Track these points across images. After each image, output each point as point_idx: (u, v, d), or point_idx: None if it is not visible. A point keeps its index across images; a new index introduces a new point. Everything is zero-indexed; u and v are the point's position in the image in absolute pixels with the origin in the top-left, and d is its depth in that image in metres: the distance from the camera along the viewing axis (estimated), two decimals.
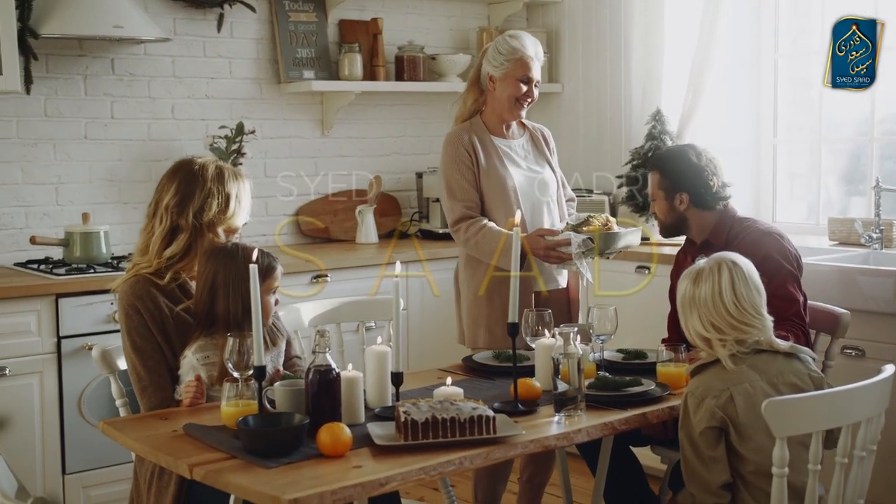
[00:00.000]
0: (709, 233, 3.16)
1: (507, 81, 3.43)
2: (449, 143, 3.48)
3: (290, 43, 4.77)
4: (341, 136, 5.01)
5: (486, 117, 3.51)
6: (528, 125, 3.63)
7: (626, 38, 5.07)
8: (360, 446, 2.25)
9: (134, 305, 2.62)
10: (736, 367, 2.40)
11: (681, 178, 3.15)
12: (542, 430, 2.38)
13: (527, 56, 3.42)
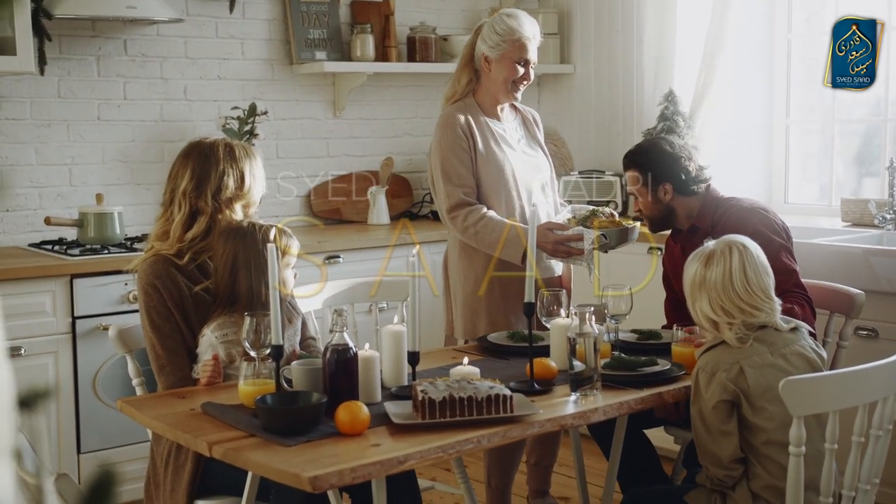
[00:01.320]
0: (694, 218, 3.15)
1: (504, 63, 3.31)
2: (445, 124, 3.33)
3: (301, 24, 4.77)
4: (353, 118, 5.01)
5: (479, 98, 3.39)
6: (518, 107, 3.52)
7: (639, 18, 5.05)
8: (378, 425, 2.26)
9: (153, 284, 2.64)
10: (742, 346, 2.42)
11: (661, 168, 3.14)
12: (559, 409, 2.39)
13: (524, 37, 3.30)
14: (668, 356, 2.76)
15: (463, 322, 3.40)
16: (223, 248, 2.65)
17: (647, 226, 3.30)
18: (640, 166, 3.17)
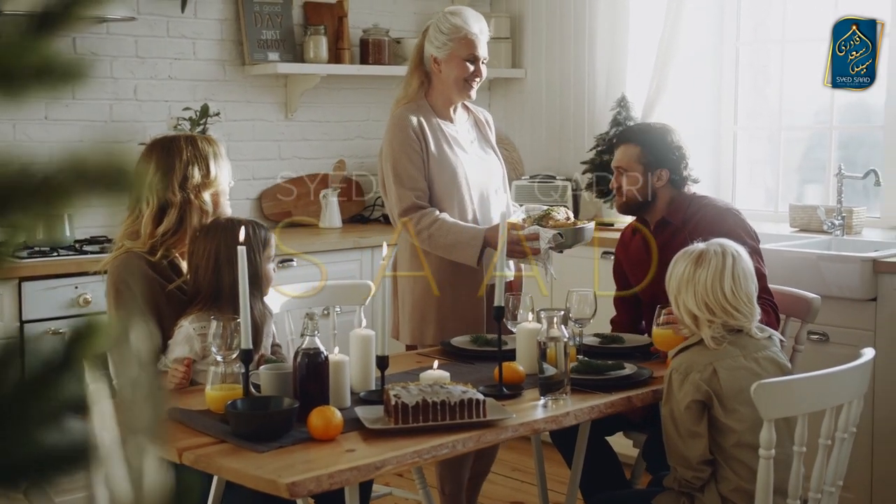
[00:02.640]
0: (665, 211, 3.14)
1: (453, 62, 3.26)
2: (396, 125, 3.27)
3: (254, 24, 4.72)
4: (305, 120, 4.97)
5: (432, 99, 3.33)
6: (471, 108, 3.47)
7: (591, 23, 5.09)
8: (350, 430, 2.24)
9: (126, 281, 2.60)
10: (717, 347, 2.46)
11: (666, 154, 3.11)
12: (530, 413, 2.39)
13: (471, 33, 3.25)
14: (632, 360, 2.78)
15: (410, 326, 3.35)
16: (203, 245, 2.62)
17: (619, 207, 3.23)
18: (643, 144, 3.12)
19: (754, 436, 2.31)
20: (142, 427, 0.53)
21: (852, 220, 4.20)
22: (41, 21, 0.51)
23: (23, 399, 0.50)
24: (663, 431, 2.50)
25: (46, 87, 0.50)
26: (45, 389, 0.50)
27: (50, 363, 0.50)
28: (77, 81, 0.52)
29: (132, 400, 0.52)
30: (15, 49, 0.48)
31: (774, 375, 2.44)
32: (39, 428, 0.52)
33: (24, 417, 0.51)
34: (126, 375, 0.54)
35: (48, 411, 0.51)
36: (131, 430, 0.53)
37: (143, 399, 0.52)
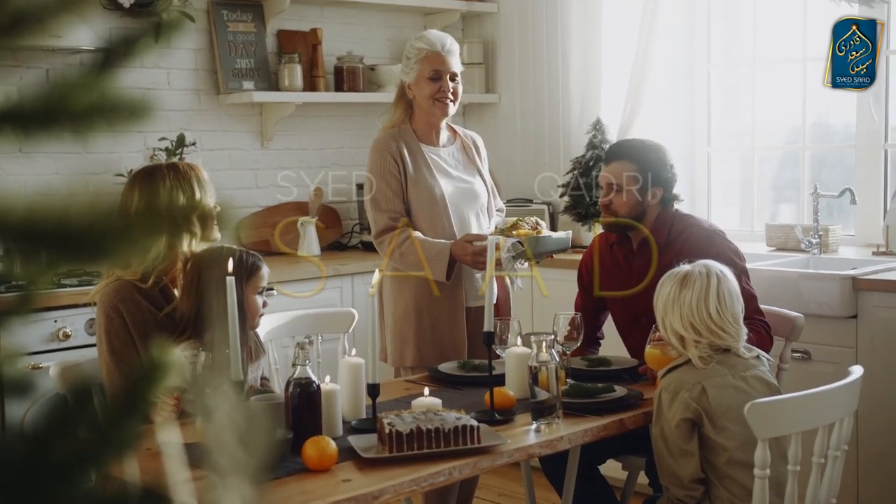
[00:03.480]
0: (650, 229, 3.11)
1: (420, 83, 3.31)
2: (375, 150, 3.35)
3: (228, 53, 4.71)
4: (281, 148, 4.96)
5: (415, 124, 3.39)
6: (459, 132, 3.51)
7: (564, 48, 5.13)
8: (344, 460, 2.23)
9: (117, 308, 2.58)
10: (704, 366, 2.47)
11: (661, 172, 3.10)
12: (523, 438, 2.39)
13: (432, 52, 3.29)
14: (620, 382, 2.78)
15: (392, 348, 3.38)
16: (191, 274, 2.60)
17: (606, 224, 3.18)
18: (640, 161, 3.09)
19: (746, 453, 2.32)
20: (243, 470, 0.52)
21: (828, 239, 4.24)
22: (104, 59, 0.51)
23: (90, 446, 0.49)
24: (654, 451, 2.51)
25: (112, 125, 0.50)
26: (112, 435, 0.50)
27: (116, 407, 0.50)
28: (142, 118, 0.51)
29: (228, 442, 0.51)
30: (81, 88, 0.48)
31: (763, 394, 2.46)
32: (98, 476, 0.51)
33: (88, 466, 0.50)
34: (215, 415, 0.54)
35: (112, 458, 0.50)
36: (230, 473, 0.52)
37: (241, 439, 0.51)
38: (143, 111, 0.50)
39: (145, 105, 0.50)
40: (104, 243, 0.48)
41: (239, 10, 4.76)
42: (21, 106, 0.49)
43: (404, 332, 3.34)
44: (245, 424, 0.52)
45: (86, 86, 0.49)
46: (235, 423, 0.51)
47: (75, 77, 0.50)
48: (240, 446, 0.51)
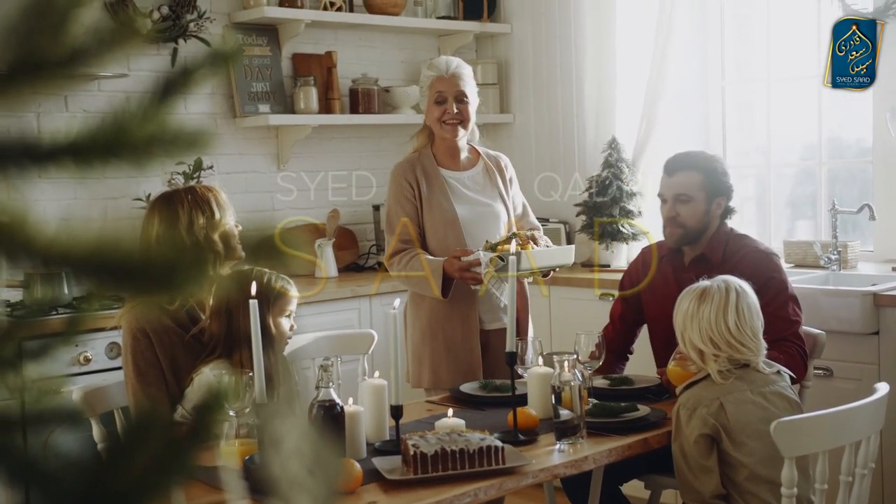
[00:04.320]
0: (705, 246, 3.08)
1: (430, 108, 3.38)
2: (392, 175, 3.42)
3: (244, 77, 4.74)
4: (297, 170, 4.98)
5: (435, 149, 3.43)
6: (482, 154, 3.51)
7: (578, 67, 5.14)
8: (369, 482, 2.22)
9: (143, 329, 2.59)
10: (724, 381, 2.47)
11: (723, 181, 3.06)
12: (548, 458, 2.38)
13: (436, 77, 3.35)
14: (643, 401, 2.77)
15: (411, 369, 3.42)
16: (218, 295, 2.62)
17: (674, 239, 3.09)
18: (706, 171, 3.05)
19: (767, 469, 2.31)
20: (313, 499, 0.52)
21: (847, 255, 4.23)
22: (164, 90, 0.52)
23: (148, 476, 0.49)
24: (675, 468, 2.50)
25: (171, 156, 0.50)
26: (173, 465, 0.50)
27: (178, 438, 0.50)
28: (201, 148, 0.52)
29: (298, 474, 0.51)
30: (141, 120, 0.48)
31: (783, 410, 2.45)
32: None
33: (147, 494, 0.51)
34: (283, 446, 0.54)
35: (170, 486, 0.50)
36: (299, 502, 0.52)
37: (312, 470, 0.51)
38: (200, 142, 0.51)
39: (204, 134, 0.51)
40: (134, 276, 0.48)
41: (254, 34, 4.79)
42: (82, 138, 0.49)
43: (421, 354, 3.37)
44: (310, 451, 0.52)
45: (144, 118, 0.49)
46: (304, 450, 0.52)
47: (134, 109, 0.50)
48: (307, 473, 0.51)
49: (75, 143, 0.49)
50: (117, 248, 0.47)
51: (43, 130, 4.26)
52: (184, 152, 0.51)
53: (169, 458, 0.50)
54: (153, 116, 0.50)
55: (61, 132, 0.49)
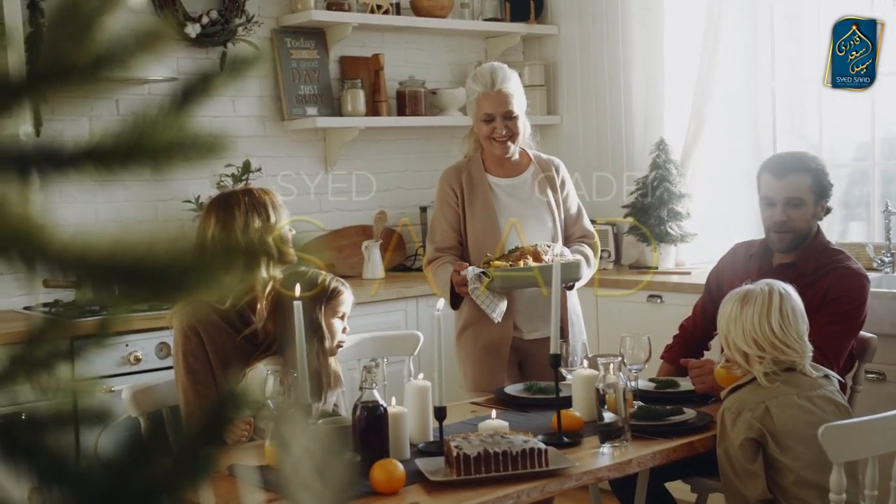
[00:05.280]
0: (797, 255, 3.00)
1: (477, 123, 3.32)
2: (439, 181, 3.42)
3: (292, 80, 4.78)
4: (345, 172, 5.01)
5: (484, 154, 3.39)
6: (533, 159, 3.44)
7: (626, 68, 5.11)
8: (411, 483, 2.23)
9: (193, 327, 2.63)
10: (770, 385, 2.44)
11: (827, 183, 3.01)
12: (592, 461, 2.37)
13: (482, 94, 3.26)
14: (689, 404, 2.75)
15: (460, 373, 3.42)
16: (278, 295, 2.66)
17: (786, 243, 3.00)
18: (815, 174, 2.98)
19: (814, 474, 2.28)
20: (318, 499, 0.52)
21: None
22: (182, 96, 0.52)
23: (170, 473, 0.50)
24: (720, 472, 2.49)
25: (190, 163, 0.51)
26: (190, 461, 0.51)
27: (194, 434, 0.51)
28: (218, 155, 0.53)
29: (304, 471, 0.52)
30: (159, 126, 0.49)
31: (831, 414, 2.42)
32: None
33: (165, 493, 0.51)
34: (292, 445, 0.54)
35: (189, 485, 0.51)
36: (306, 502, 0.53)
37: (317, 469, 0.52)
38: (219, 148, 0.52)
39: (221, 142, 0.52)
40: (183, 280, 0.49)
41: (302, 38, 4.82)
42: (102, 144, 0.50)
43: (458, 358, 3.42)
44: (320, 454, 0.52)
45: (164, 124, 0.50)
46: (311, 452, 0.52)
47: (154, 115, 0.51)
48: (315, 475, 0.52)
49: (96, 149, 0.50)
50: (131, 254, 0.47)
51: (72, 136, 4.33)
52: (202, 158, 0.52)
53: (185, 459, 0.51)
54: (173, 122, 0.51)
55: (83, 138, 0.50)
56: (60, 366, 0.68)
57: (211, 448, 0.52)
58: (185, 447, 0.51)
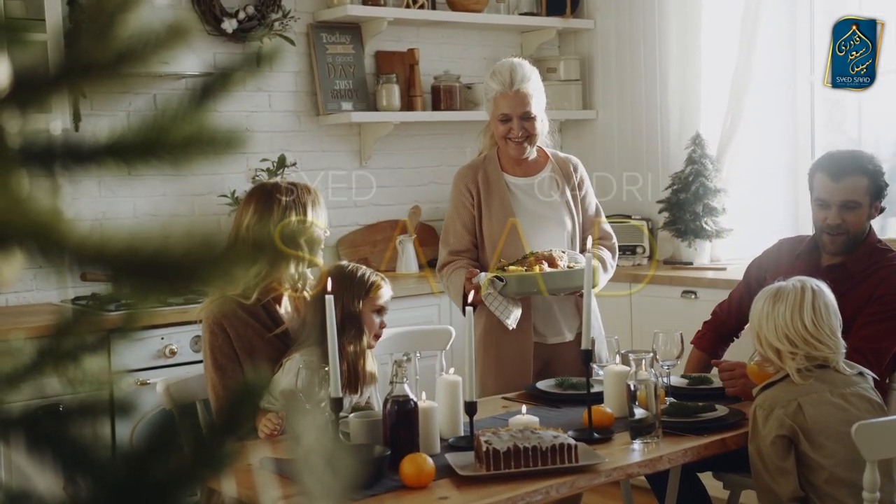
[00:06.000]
0: (846, 255, 2.94)
1: (493, 122, 3.22)
2: (454, 181, 3.33)
3: (328, 75, 4.80)
4: (379, 167, 5.02)
5: (500, 152, 3.29)
6: (551, 157, 3.33)
7: (662, 62, 5.08)
8: (441, 477, 2.24)
9: (220, 324, 2.65)
10: (803, 381, 2.42)
11: (883, 185, 2.95)
12: (623, 457, 2.37)
13: (500, 93, 3.15)
14: (722, 401, 2.74)
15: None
16: (318, 288, 2.68)
17: (839, 246, 2.94)
18: (871, 175, 2.93)
19: (847, 472, 2.26)
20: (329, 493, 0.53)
21: None
22: (203, 91, 0.53)
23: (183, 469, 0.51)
24: (752, 469, 2.47)
25: (208, 156, 0.52)
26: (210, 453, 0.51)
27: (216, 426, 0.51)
28: (236, 149, 0.53)
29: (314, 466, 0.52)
30: (179, 121, 0.50)
31: (864, 412, 2.40)
32: None
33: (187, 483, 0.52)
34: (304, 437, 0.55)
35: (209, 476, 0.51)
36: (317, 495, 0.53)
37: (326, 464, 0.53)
38: (237, 142, 0.52)
39: (239, 136, 0.52)
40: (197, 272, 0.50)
41: (337, 33, 4.84)
42: (122, 139, 0.51)
43: (478, 367, 3.13)
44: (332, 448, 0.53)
45: (184, 119, 0.51)
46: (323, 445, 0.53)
47: (174, 110, 0.52)
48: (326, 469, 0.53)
49: (116, 144, 0.51)
50: (147, 247, 0.48)
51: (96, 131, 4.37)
52: (220, 153, 0.53)
53: (206, 450, 0.51)
54: (192, 118, 0.52)
55: (104, 133, 0.51)
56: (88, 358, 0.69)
57: (232, 439, 0.53)
58: (206, 438, 0.51)
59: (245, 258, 0.51)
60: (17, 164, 0.49)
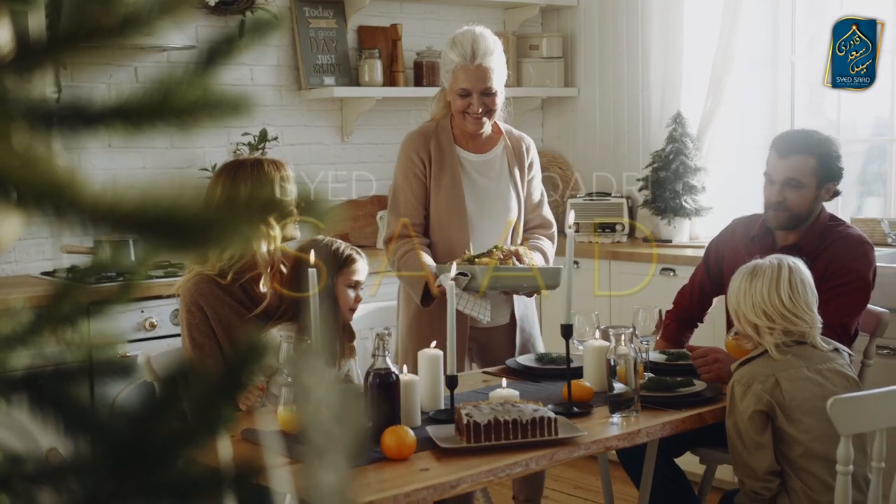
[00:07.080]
0: (800, 235, 2.98)
1: (451, 94, 3.06)
2: (403, 146, 3.16)
3: (310, 49, 4.78)
4: (361, 142, 5.02)
5: (454, 122, 3.15)
6: (504, 133, 3.20)
7: (644, 41, 5.10)
8: (421, 449, 2.26)
9: (197, 302, 2.65)
10: (781, 357, 2.46)
11: (836, 166, 2.95)
12: (602, 430, 2.40)
13: (460, 65, 3.00)
14: (698, 376, 2.77)
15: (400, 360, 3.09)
16: (294, 263, 2.69)
17: (779, 222, 2.98)
18: (821, 157, 2.93)
19: (823, 446, 2.30)
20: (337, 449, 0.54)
21: None
22: (207, 58, 0.54)
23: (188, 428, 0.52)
24: (728, 444, 2.51)
25: (215, 121, 0.53)
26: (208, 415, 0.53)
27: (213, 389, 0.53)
28: (242, 114, 0.54)
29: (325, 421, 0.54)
30: (186, 85, 0.51)
31: (841, 387, 2.44)
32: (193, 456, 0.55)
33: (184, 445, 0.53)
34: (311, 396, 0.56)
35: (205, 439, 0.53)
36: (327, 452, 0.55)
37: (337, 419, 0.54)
38: (243, 107, 0.53)
39: (246, 102, 0.53)
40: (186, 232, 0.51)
41: (320, 7, 4.82)
42: (130, 102, 0.52)
43: (406, 347, 3.17)
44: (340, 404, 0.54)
45: (190, 83, 0.52)
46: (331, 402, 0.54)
47: (180, 75, 0.53)
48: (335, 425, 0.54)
49: (124, 107, 0.52)
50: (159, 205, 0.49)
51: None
52: (227, 117, 0.54)
53: (204, 410, 0.53)
54: (198, 83, 0.53)
55: (112, 96, 0.52)
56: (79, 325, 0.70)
57: (229, 401, 0.54)
58: (204, 399, 0.53)
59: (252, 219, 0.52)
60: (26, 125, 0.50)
